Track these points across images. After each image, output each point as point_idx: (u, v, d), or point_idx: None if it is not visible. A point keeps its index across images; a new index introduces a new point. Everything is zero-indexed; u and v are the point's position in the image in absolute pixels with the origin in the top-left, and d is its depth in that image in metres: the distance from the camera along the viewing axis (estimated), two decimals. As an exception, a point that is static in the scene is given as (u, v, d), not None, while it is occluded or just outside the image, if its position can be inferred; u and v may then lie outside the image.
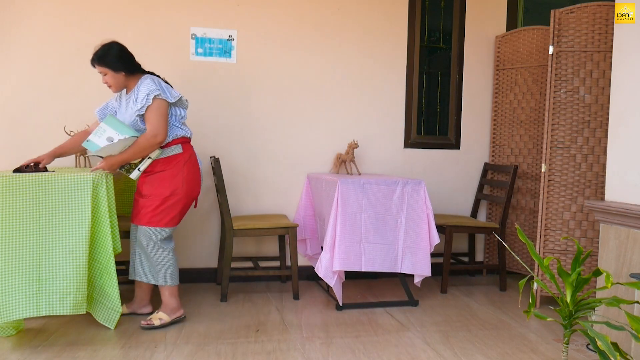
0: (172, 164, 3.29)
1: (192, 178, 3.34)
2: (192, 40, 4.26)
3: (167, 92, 3.23)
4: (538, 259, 2.36)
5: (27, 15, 4.03)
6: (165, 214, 3.26)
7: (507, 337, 3.28)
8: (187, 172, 3.31)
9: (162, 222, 3.26)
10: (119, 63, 3.22)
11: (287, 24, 4.41)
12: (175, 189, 3.27)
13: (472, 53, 4.80)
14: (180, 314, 3.39)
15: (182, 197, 3.29)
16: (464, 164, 4.84)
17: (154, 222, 3.26)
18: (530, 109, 4.54)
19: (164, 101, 3.19)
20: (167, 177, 3.27)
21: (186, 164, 3.32)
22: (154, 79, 3.24)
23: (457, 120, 4.82)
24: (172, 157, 3.29)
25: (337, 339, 3.17)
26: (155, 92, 3.15)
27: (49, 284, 2.95)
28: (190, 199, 3.37)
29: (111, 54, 3.22)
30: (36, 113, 4.07)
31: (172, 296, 3.35)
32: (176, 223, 3.34)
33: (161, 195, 3.25)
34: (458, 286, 4.43)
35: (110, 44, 3.26)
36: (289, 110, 4.45)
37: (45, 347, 2.93)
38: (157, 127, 3.15)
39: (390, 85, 4.64)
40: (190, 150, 3.38)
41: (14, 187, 2.93)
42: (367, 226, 3.66)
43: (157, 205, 3.25)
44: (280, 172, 4.45)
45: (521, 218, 4.62)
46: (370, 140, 4.61)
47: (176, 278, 3.36)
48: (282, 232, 3.95)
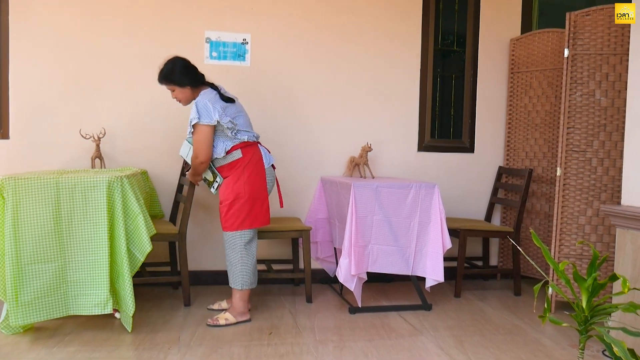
0: (233, 169, 3.42)
1: (255, 179, 3.44)
2: (206, 44, 4.28)
3: (207, 116, 3.27)
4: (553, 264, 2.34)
5: (44, 18, 4.08)
6: (235, 218, 3.40)
7: (521, 342, 3.25)
8: (248, 174, 3.42)
9: (234, 226, 3.41)
10: (184, 78, 3.37)
11: (301, 27, 4.42)
12: (239, 193, 3.39)
13: (487, 56, 4.78)
14: (246, 318, 3.49)
15: (247, 199, 3.40)
16: (478, 167, 4.82)
17: (227, 227, 3.43)
18: (545, 112, 4.51)
19: (204, 126, 3.29)
20: (230, 182, 3.41)
21: (247, 166, 3.42)
22: (200, 101, 3.30)
23: (471, 124, 4.80)
24: (233, 162, 3.42)
25: (350, 343, 3.16)
26: (194, 120, 3.28)
27: (74, 285, 3.02)
28: (258, 199, 3.45)
29: (176, 70, 3.37)
30: (52, 116, 4.12)
31: (241, 300, 3.48)
32: (249, 225, 3.44)
33: (227, 200, 3.41)
34: (472, 290, 4.41)
35: (173, 60, 3.40)
36: (302, 113, 4.46)
37: (60, 348, 2.96)
38: (197, 150, 3.33)
39: (404, 88, 4.64)
40: (250, 153, 3.44)
41: (33, 189, 2.97)
42: (377, 228, 3.66)
43: (227, 210, 3.41)
44: (294, 175, 4.46)
45: (536, 222, 4.59)
46: (384, 144, 4.60)
47: (248, 283, 3.47)
48: (296, 235, 3.95)
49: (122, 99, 4.21)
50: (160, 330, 3.28)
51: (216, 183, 3.47)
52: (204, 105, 3.28)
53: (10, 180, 2.96)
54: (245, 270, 3.45)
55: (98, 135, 4.01)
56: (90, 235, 3.04)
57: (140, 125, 4.23)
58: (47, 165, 4.10)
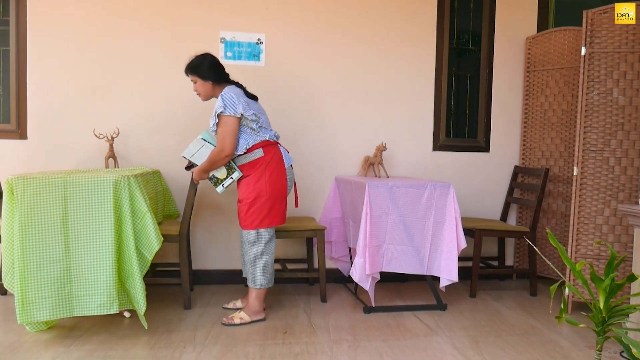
0: (254, 167, 3.44)
1: (276, 178, 3.46)
2: (221, 44, 4.30)
3: (232, 107, 3.31)
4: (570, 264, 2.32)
5: (61, 20, 4.12)
6: (255, 217, 3.43)
7: (537, 343, 3.23)
8: (269, 173, 3.44)
9: (253, 224, 3.43)
10: (209, 73, 3.44)
11: (316, 27, 4.42)
12: (260, 192, 3.42)
13: (502, 55, 4.74)
14: (261, 317, 3.50)
15: (268, 198, 3.43)
16: (494, 167, 4.78)
17: (247, 225, 3.46)
18: (562, 111, 4.47)
19: (229, 117, 3.31)
20: (251, 181, 3.44)
21: (268, 165, 3.44)
22: (226, 93, 3.35)
23: (487, 123, 4.77)
24: (254, 161, 3.44)
25: (364, 342, 3.16)
26: (219, 110, 3.30)
27: (78, 285, 3.01)
28: (278, 198, 3.48)
29: (204, 64, 3.44)
30: (68, 116, 4.16)
31: (257, 299, 3.49)
32: (269, 224, 3.47)
33: (248, 199, 3.43)
34: (487, 290, 4.38)
35: (204, 55, 3.48)
36: (317, 112, 4.46)
37: (77, 346, 2.99)
38: (222, 142, 3.33)
39: (418, 87, 4.62)
40: (272, 152, 3.47)
41: (41, 188, 2.99)
42: (392, 228, 3.65)
43: (247, 209, 3.44)
44: (308, 175, 4.46)
45: (552, 222, 4.55)
46: (399, 143, 4.59)
47: (265, 282, 3.48)
48: (310, 234, 3.95)
49: (136, 99, 4.24)
50: (175, 329, 3.30)
51: (229, 180, 3.45)
52: (229, 97, 3.32)
53: (19, 179, 2.99)
54: (263, 270, 3.46)
55: (112, 135, 4.04)
56: (95, 235, 3.03)
57: (155, 125, 4.26)
58: (63, 165, 4.14)
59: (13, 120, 4.14)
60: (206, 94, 3.50)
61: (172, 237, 3.65)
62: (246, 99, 3.41)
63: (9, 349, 2.92)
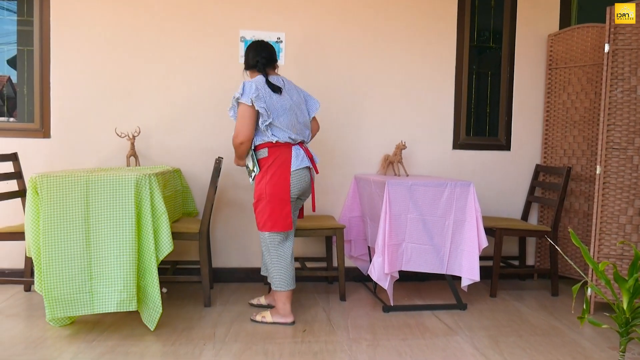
0: (262, 167, 3.38)
1: (277, 181, 3.31)
2: (241, 42, 4.31)
3: (246, 95, 3.23)
4: (593, 264, 2.29)
5: (82, 21, 4.17)
6: (259, 219, 3.39)
7: (559, 343, 3.19)
8: (270, 175, 3.31)
9: (259, 225, 3.41)
10: (245, 60, 3.49)
11: (335, 26, 4.42)
12: (261, 194, 3.34)
13: (524, 52, 4.70)
14: (286, 320, 3.43)
15: (268, 201, 3.31)
16: (515, 165, 4.74)
17: (258, 226, 3.43)
18: (585, 109, 4.41)
19: (243, 105, 3.24)
20: (257, 181, 3.40)
21: (270, 167, 3.31)
22: (249, 81, 3.31)
23: (508, 121, 4.72)
24: (260, 160, 3.38)
25: (383, 342, 3.15)
26: (236, 95, 3.26)
27: (99, 282, 3.04)
28: (278, 203, 3.31)
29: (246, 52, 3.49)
30: (91, 115, 4.21)
31: (279, 300, 3.44)
32: (270, 228, 3.34)
33: (254, 199, 3.40)
34: (508, 290, 4.35)
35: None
36: (336, 111, 4.46)
37: (99, 342, 3.03)
38: (237, 129, 3.29)
39: (438, 85, 4.59)
40: (276, 154, 3.32)
41: (64, 187, 3.03)
42: (411, 227, 3.63)
43: (255, 209, 3.42)
44: (328, 173, 4.46)
45: (574, 221, 4.50)
46: (418, 142, 4.57)
47: (284, 284, 3.40)
48: (330, 232, 3.96)
49: (157, 98, 4.28)
50: (195, 326, 3.32)
51: (253, 173, 3.41)
52: (249, 85, 3.25)
53: (43, 177, 3.04)
54: (280, 272, 3.39)
55: (133, 134, 4.08)
56: (116, 232, 3.06)
57: (176, 124, 4.29)
58: (86, 163, 4.20)
59: (37, 119, 4.20)
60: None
61: (193, 235, 3.67)
62: (267, 91, 3.26)
63: (33, 344, 2.97)
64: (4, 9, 4.17)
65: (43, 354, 2.85)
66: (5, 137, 4.15)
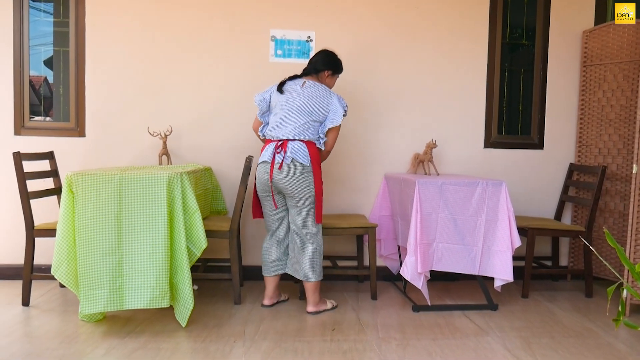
0: None
1: (257, 176, 3.62)
2: (271, 42, 4.34)
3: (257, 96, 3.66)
4: (629, 265, 2.24)
5: (116, 22, 4.25)
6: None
7: (593, 346, 3.13)
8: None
9: None
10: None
11: (365, 24, 4.41)
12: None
13: (557, 49, 4.61)
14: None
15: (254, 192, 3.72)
16: (548, 164, 4.66)
17: None
18: (621, 106, 4.32)
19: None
20: None
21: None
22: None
23: (541, 119, 4.65)
24: None
25: (413, 341, 3.13)
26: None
27: (130, 279, 3.09)
28: (256, 194, 3.70)
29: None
30: (124, 115, 4.28)
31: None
32: (255, 216, 3.76)
33: None
34: (540, 291, 4.28)
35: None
36: (366, 109, 4.45)
37: (132, 338, 3.08)
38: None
39: (470, 83, 4.55)
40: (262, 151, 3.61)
41: (98, 185, 3.09)
42: (442, 226, 3.61)
43: None
44: (358, 172, 4.45)
45: (609, 221, 4.40)
46: (449, 140, 4.53)
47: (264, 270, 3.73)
48: (362, 231, 3.94)
49: (188, 97, 4.32)
50: (225, 324, 3.35)
51: None
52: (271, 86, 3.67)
53: (78, 175, 3.11)
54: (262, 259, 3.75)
55: (165, 133, 4.14)
56: (148, 230, 3.10)
57: (207, 123, 4.34)
58: (119, 162, 4.27)
59: (72, 118, 4.29)
60: None
61: (223, 233, 3.71)
62: (272, 88, 3.63)
63: (67, 339, 3.03)
64: (41, 11, 4.26)
65: (77, 349, 2.91)
66: (42, 136, 4.25)
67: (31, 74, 4.29)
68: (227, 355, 2.86)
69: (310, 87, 3.55)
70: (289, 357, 2.86)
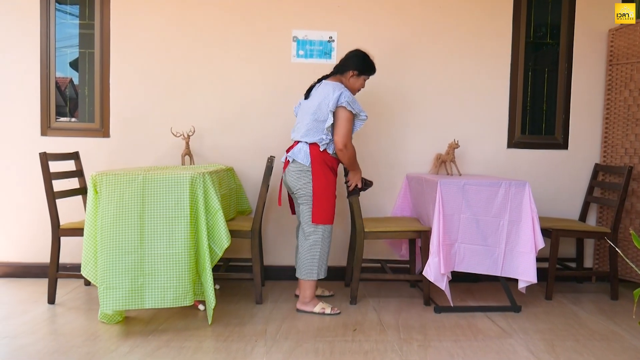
0: None
1: None
2: (293, 42, 4.35)
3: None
4: (655, 268, 2.21)
5: (140, 24, 4.30)
6: None
7: (619, 349, 3.08)
8: None
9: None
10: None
11: (387, 24, 4.40)
12: None
13: (582, 48, 4.55)
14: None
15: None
16: (572, 164, 4.60)
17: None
18: (648, 106, 4.25)
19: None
20: None
21: None
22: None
23: (565, 119, 4.59)
24: None
25: (435, 342, 3.12)
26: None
27: (152, 277, 3.12)
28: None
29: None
30: (147, 115, 4.33)
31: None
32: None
33: None
34: (564, 293, 4.23)
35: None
36: (389, 110, 4.44)
37: (155, 336, 3.11)
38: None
39: (493, 83, 4.51)
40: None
41: (122, 184, 3.13)
42: (464, 227, 3.58)
43: None
44: (380, 172, 4.44)
45: (636, 223, 4.33)
46: (472, 140, 4.49)
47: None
48: (414, 235, 3.83)
49: (211, 98, 4.36)
50: (247, 323, 3.37)
51: None
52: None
53: (102, 175, 3.16)
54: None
55: (188, 133, 4.17)
56: (171, 230, 3.13)
57: (229, 123, 4.36)
58: (142, 162, 4.32)
59: (97, 119, 4.35)
60: None
61: (245, 232, 3.73)
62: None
63: (92, 337, 3.08)
64: (67, 13, 4.33)
65: (101, 346, 2.95)
66: (68, 137, 4.32)
67: (57, 75, 4.36)
68: (249, 354, 2.88)
69: (320, 87, 3.57)
70: (310, 356, 2.87)
